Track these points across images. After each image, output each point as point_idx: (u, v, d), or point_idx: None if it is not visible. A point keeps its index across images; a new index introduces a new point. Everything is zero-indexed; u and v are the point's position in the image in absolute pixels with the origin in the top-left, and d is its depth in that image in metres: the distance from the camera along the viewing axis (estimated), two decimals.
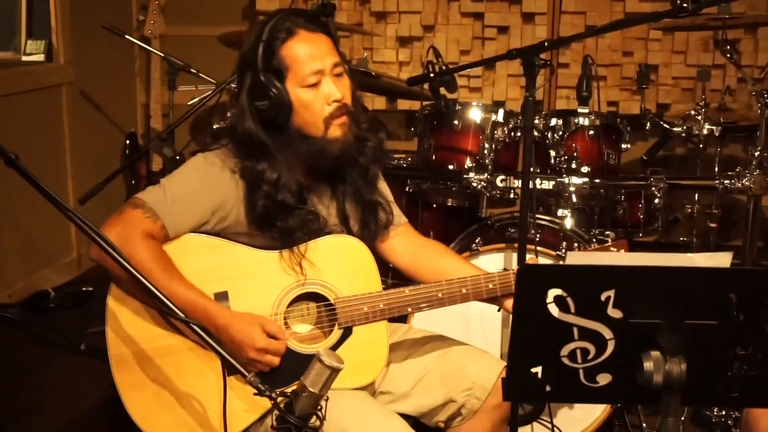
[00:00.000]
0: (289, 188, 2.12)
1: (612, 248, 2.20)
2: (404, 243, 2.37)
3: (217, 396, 1.96)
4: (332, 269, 2.16)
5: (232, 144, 2.16)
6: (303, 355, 2.10)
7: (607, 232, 2.19)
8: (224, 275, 2.10)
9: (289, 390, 1.74)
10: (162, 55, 4.12)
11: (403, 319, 2.86)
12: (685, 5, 2.02)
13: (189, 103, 3.24)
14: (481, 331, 2.89)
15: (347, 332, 2.15)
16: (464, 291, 2.18)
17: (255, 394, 1.72)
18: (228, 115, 3.39)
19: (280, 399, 1.71)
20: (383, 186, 2.36)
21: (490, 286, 2.19)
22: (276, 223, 2.11)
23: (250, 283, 2.11)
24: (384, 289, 2.20)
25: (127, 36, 4.16)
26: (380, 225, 2.30)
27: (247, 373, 1.74)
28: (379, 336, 2.17)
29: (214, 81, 3.86)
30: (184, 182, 2.11)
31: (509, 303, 2.21)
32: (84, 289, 4.26)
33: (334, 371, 1.72)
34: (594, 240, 3.03)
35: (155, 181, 2.14)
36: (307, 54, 2.09)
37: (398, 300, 2.16)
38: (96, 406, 3.19)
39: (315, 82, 2.10)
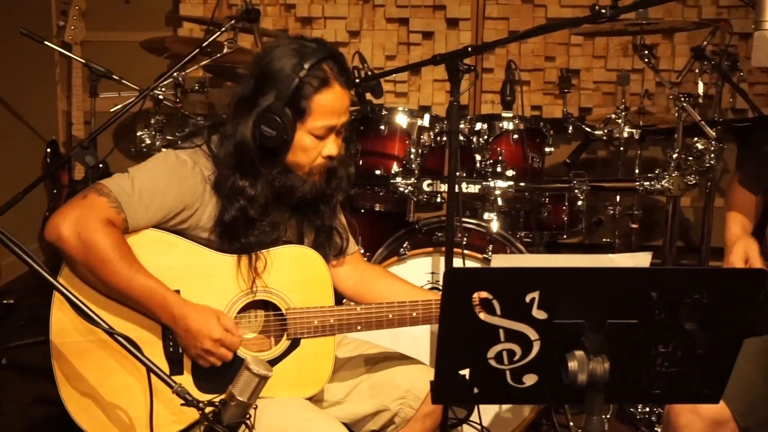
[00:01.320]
0: (261, 205, 2.13)
1: None
2: (350, 269, 2.39)
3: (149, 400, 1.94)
4: (286, 279, 2.15)
5: (212, 147, 2.15)
6: None
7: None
8: (178, 274, 2.09)
9: (217, 399, 1.72)
10: (83, 61, 4.04)
11: None
12: (603, 11, 2.07)
13: (111, 110, 3.18)
14: (412, 338, 2.90)
15: (295, 343, 2.15)
16: (414, 314, 2.20)
17: (182, 404, 1.70)
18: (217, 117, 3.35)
19: (208, 409, 1.70)
20: (341, 215, 2.39)
21: None
22: (239, 235, 2.12)
23: (204, 285, 2.10)
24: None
25: (46, 42, 4.07)
26: (333, 250, 2.31)
27: (173, 384, 1.72)
28: (325, 350, 2.17)
29: (137, 87, 3.80)
30: (153, 178, 2.08)
31: None
32: (5, 301, 4.15)
33: (263, 379, 1.71)
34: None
35: (122, 169, 2.12)
36: (331, 110, 2.11)
37: (349, 317, 2.17)
38: (22, 423, 3.11)
39: (323, 135, 2.13)
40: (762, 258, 2.22)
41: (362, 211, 3.45)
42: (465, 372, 1.59)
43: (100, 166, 2.98)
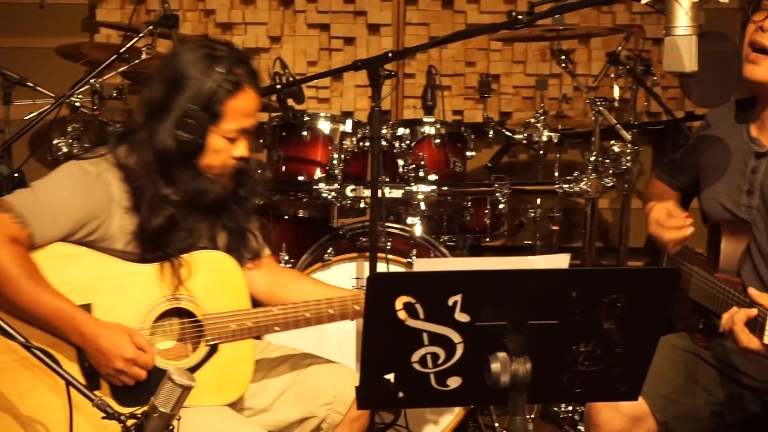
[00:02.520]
0: (183, 210, 2.13)
1: None
2: (263, 273, 2.37)
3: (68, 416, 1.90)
4: (201, 285, 2.13)
5: (120, 156, 2.12)
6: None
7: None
8: (89, 287, 2.05)
9: (140, 411, 1.69)
10: None
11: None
12: (520, 17, 2.10)
13: (26, 117, 3.11)
14: (337, 343, 2.90)
15: (213, 349, 2.13)
16: (331, 312, 2.20)
17: (103, 417, 1.67)
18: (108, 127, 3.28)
19: (130, 421, 1.67)
20: (257, 228, 2.38)
21: (357, 307, 2.22)
22: (164, 243, 2.10)
23: (117, 296, 2.07)
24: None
25: None
26: (248, 253, 2.30)
27: (93, 398, 1.69)
28: (245, 354, 2.16)
29: (52, 94, 3.71)
30: (56, 190, 2.05)
31: None
32: None
33: (186, 390, 1.68)
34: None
35: (39, 178, 2.09)
36: (243, 112, 2.13)
37: (266, 318, 2.16)
38: None
39: (234, 138, 2.14)
40: (682, 261, 2.27)
41: (285, 217, 3.44)
42: (390, 376, 1.60)
43: (15, 175, 2.91)
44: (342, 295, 2.23)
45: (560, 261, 1.67)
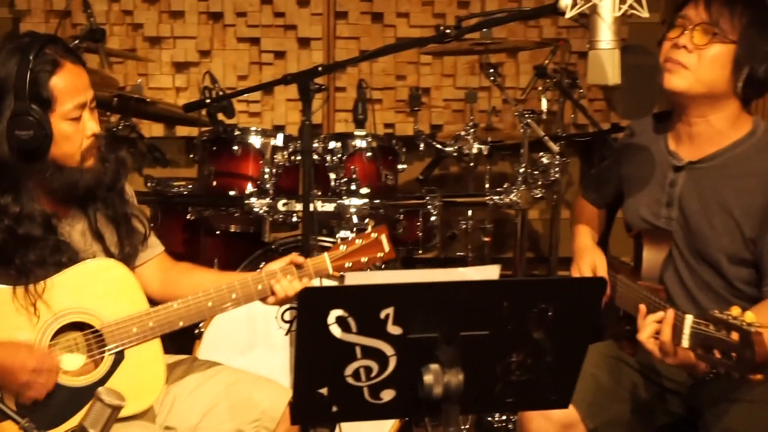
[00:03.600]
0: (34, 219, 2.05)
1: (372, 234, 2.28)
2: (154, 270, 2.32)
3: None
4: (92, 295, 2.08)
5: None
6: (77, 388, 2.03)
7: (366, 220, 2.23)
8: None
9: None
10: None
11: (188, 350, 2.80)
12: (448, 31, 2.13)
13: None
14: (269, 358, 2.88)
15: (119, 357, 2.08)
16: (234, 296, 2.17)
17: None
18: None
19: None
20: (135, 203, 2.31)
21: (259, 287, 2.19)
22: (14, 259, 2.02)
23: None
24: None
25: None
26: (138, 239, 2.24)
27: (20, 420, 1.64)
28: (153, 354, 2.12)
29: None
30: None
31: (271, 299, 2.23)
32: None
33: (116, 410, 1.66)
34: (354, 230, 3.07)
35: None
36: (73, 88, 2.06)
37: (168, 315, 2.12)
38: None
39: (78, 116, 2.07)
40: (608, 270, 2.32)
41: (217, 232, 3.40)
42: (323, 391, 1.59)
43: None
44: (242, 278, 2.19)
45: (490, 272, 1.69)
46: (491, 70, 3.58)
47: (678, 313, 1.86)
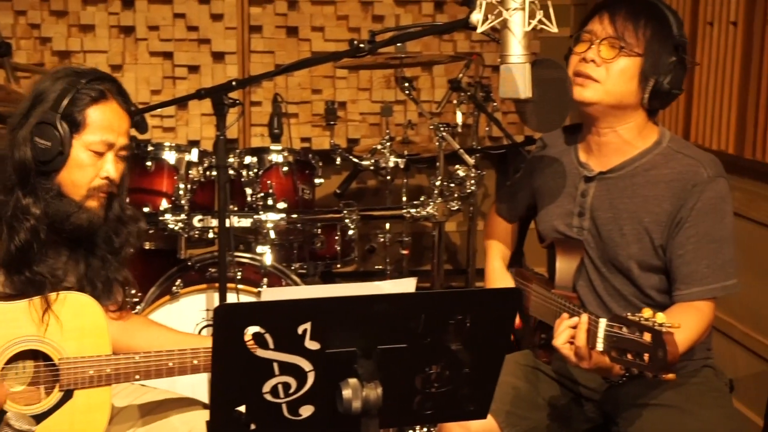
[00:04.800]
0: (45, 228, 2.04)
1: None
2: (112, 318, 2.28)
3: None
4: (60, 327, 2.03)
5: None
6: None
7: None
8: None
9: None
10: None
11: None
12: (362, 46, 2.14)
13: None
14: (189, 377, 2.84)
15: (68, 395, 2.03)
16: (196, 362, 2.13)
17: None
18: None
19: None
20: (125, 277, 2.29)
21: None
22: (31, 265, 2.02)
23: None
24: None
25: None
26: (110, 302, 2.21)
27: None
28: (101, 401, 2.06)
29: None
30: None
31: None
32: None
33: None
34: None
35: None
36: (108, 123, 2.06)
37: (127, 366, 2.07)
38: None
39: (101, 152, 2.06)
40: (521, 281, 2.36)
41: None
42: (241, 409, 1.58)
43: None
44: (206, 345, 2.15)
45: (407, 285, 1.69)
46: (406, 84, 3.61)
47: (592, 317, 1.89)
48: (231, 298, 2.69)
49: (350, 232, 3.32)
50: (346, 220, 3.20)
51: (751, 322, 3.32)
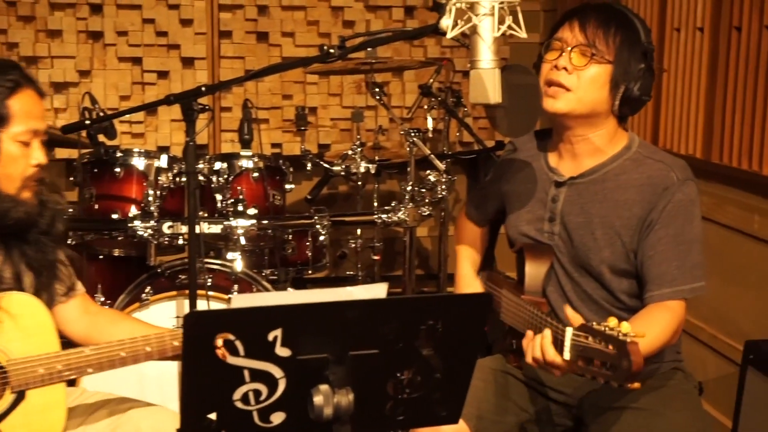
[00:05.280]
0: None
1: None
2: (80, 312, 2.27)
3: None
4: (2, 329, 2.00)
5: None
6: None
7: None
8: None
9: None
10: None
11: (71, 382, 2.71)
12: (332, 51, 2.14)
13: None
14: (158, 385, 2.82)
15: (20, 396, 2.00)
16: (148, 349, 2.11)
17: None
18: None
19: None
20: (63, 253, 2.26)
21: (176, 343, 2.15)
22: None
23: None
24: None
25: None
26: (60, 289, 2.19)
27: None
28: (56, 399, 2.04)
29: None
30: None
31: None
32: None
33: None
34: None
35: None
36: (30, 111, 2.06)
37: (78, 360, 2.05)
38: None
39: (28, 141, 2.05)
40: (491, 286, 2.37)
41: (100, 257, 3.32)
42: (212, 416, 1.57)
43: None
44: (159, 332, 2.15)
45: (378, 290, 1.69)
46: (377, 90, 3.62)
47: (559, 326, 1.90)
48: (201, 305, 2.68)
49: (321, 238, 3.32)
50: (317, 226, 3.20)
51: (718, 324, 3.35)
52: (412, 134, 3.41)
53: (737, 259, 3.23)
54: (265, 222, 3.12)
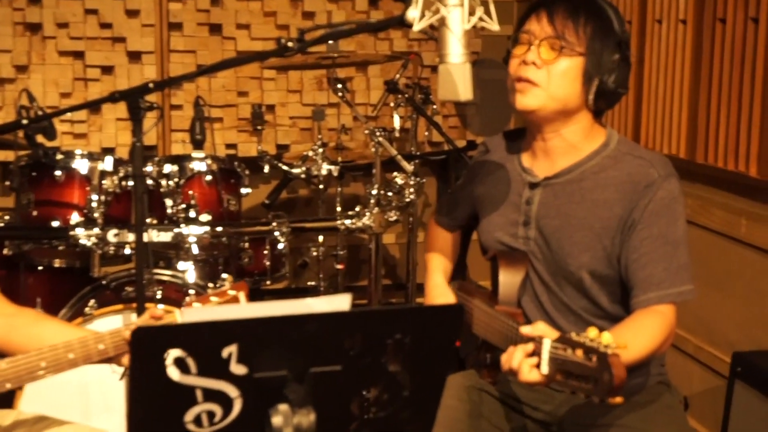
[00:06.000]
0: None
1: (230, 291, 2.23)
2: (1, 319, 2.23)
3: None
4: None
5: None
6: None
7: (224, 275, 2.21)
8: None
9: None
10: None
11: (8, 402, 2.68)
12: (290, 45, 2.13)
13: None
14: (103, 402, 2.80)
15: None
16: (71, 356, 2.07)
17: None
18: None
19: None
20: None
21: (101, 347, 2.11)
22: None
23: None
24: None
25: None
26: None
27: None
28: None
29: None
30: None
31: (126, 359, 2.15)
32: None
33: None
34: (210, 287, 3.06)
35: None
36: None
37: None
38: None
39: None
40: (464, 296, 2.37)
41: (39, 268, 3.28)
42: None
43: None
44: (82, 336, 2.10)
45: (341, 302, 1.68)
46: (339, 86, 3.62)
47: (535, 338, 1.89)
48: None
49: (280, 246, 3.32)
50: (276, 233, 3.19)
51: (704, 335, 3.39)
52: (378, 134, 3.41)
53: (724, 266, 3.27)
54: (220, 229, 3.10)
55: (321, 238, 3.95)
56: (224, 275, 2.38)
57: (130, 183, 3.16)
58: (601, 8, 2.16)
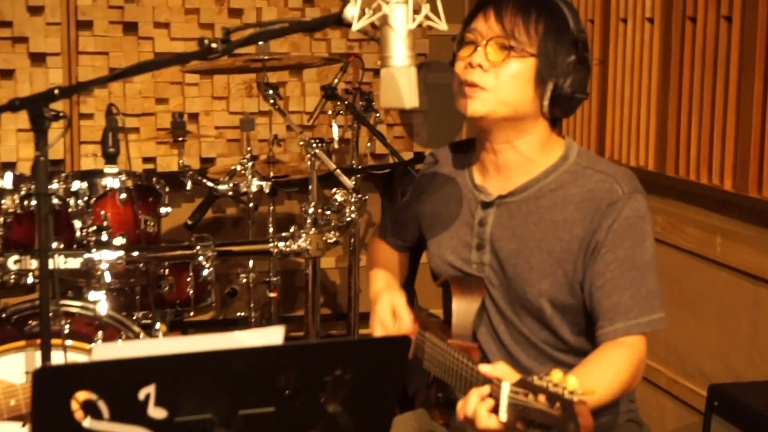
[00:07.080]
0: None
1: None
2: None
3: None
4: None
5: None
6: None
7: (158, 326, 2.18)
8: None
9: None
10: None
11: None
12: (214, 46, 2.12)
13: None
14: None
15: None
16: None
17: None
18: None
19: None
20: None
21: (12, 402, 2.09)
22: None
23: None
24: None
25: None
26: None
27: None
28: None
29: None
30: None
31: None
32: None
33: None
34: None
35: None
36: None
37: None
38: None
39: None
40: (410, 309, 2.35)
41: None
42: None
43: None
44: None
45: (274, 335, 1.68)
46: (271, 92, 3.61)
47: (493, 381, 1.88)
48: (57, 357, 2.63)
49: (205, 273, 3.29)
50: (200, 258, 3.17)
51: (677, 366, 3.43)
52: (314, 145, 3.41)
53: (697, 289, 3.32)
54: (136, 254, 3.08)
55: (251, 263, 3.93)
56: (157, 325, 2.35)
57: (33, 202, 3.12)
58: (555, 5, 2.16)
